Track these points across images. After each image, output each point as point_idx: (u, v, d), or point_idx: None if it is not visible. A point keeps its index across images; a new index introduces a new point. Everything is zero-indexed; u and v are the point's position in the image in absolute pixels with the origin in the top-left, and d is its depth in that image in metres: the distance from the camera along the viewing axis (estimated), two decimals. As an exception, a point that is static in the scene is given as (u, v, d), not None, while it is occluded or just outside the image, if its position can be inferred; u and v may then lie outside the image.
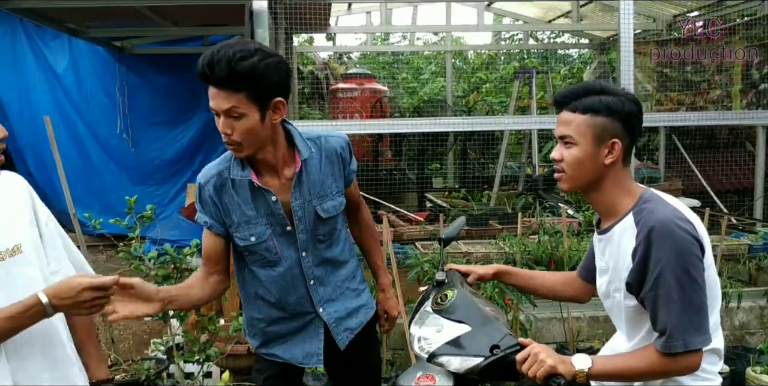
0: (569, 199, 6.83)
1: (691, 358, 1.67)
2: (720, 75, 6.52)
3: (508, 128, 7.09)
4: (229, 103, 1.83)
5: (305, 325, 2.19)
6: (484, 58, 11.92)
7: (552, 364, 1.64)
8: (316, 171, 2.09)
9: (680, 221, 1.66)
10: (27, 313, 1.52)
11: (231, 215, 2.03)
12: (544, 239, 4.14)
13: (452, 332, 1.84)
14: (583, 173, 1.78)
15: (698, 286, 1.66)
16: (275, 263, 2.09)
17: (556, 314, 4.13)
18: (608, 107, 1.75)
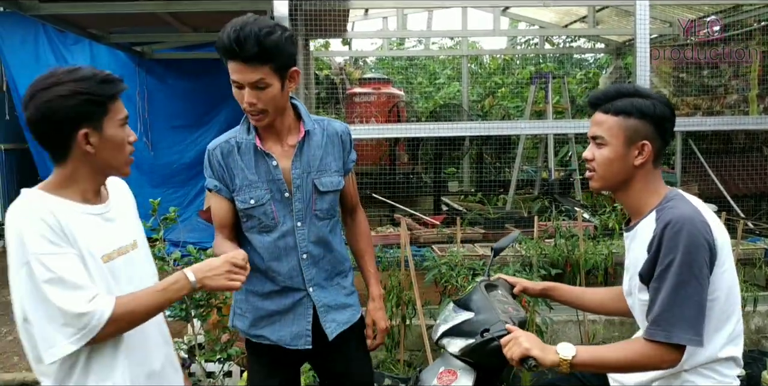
0: (585, 203, 6.85)
1: (670, 352, 1.71)
2: (737, 80, 6.51)
3: (525, 133, 7.12)
4: (256, 75, 1.98)
5: (295, 304, 2.23)
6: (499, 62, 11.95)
7: (527, 347, 1.72)
8: (317, 146, 2.21)
9: (696, 221, 1.71)
10: (175, 285, 1.67)
11: (234, 179, 2.16)
12: (560, 243, 4.16)
13: (459, 318, 1.98)
14: (613, 172, 1.85)
15: (698, 284, 1.70)
16: (271, 228, 2.17)
17: (572, 317, 4.15)
18: (640, 109, 1.81)
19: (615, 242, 4.40)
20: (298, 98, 4.51)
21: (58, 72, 1.63)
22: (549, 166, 7.58)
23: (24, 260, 1.54)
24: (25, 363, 4.60)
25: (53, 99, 1.58)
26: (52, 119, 1.58)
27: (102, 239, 1.69)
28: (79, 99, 1.60)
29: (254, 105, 2.03)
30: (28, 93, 1.62)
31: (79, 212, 1.66)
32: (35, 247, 1.53)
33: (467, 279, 3.71)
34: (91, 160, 1.66)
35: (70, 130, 1.61)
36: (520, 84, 10.86)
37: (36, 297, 1.53)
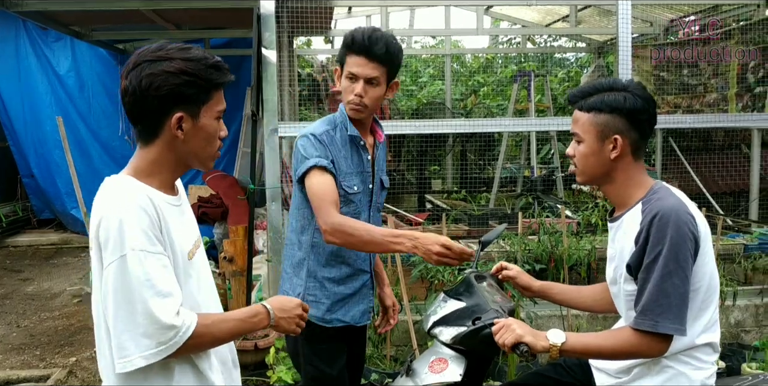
0: (567, 200, 6.93)
1: (657, 342, 1.76)
2: (716, 79, 6.61)
3: (508, 130, 7.18)
4: (375, 72, 2.23)
5: (361, 287, 2.44)
6: (481, 61, 12.01)
7: (520, 334, 1.77)
8: (383, 149, 2.50)
9: (683, 213, 1.76)
10: (254, 318, 1.63)
11: (339, 163, 2.31)
12: (544, 239, 4.22)
13: (450, 308, 2.02)
14: (591, 167, 1.91)
15: (684, 276, 1.75)
16: (358, 215, 2.36)
17: (556, 311, 4.21)
18: (609, 104, 1.86)
19: (597, 238, 4.46)
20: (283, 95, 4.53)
21: (168, 47, 1.53)
22: (531, 164, 7.65)
23: (120, 252, 1.43)
24: (8, 361, 4.57)
25: (158, 73, 1.49)
26: (151, 93, 1.49)
27: (185, 233, 1.63)
28: (183, 79, 1.50)
29: (361, 97, 2.24)
30: (133, 62, 1.52)
31: (167, 203, 1.58)
32: (135, 241, 1.44)
33: (453, 275, 3.75)
34: (179, 147, 1.56)
35: (166, 109, 1.51)
36: (502, 83, 10.93)
37: (123, 297, 1.44)
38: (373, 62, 2.22)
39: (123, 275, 1.43)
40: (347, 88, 2.27)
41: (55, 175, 8.25)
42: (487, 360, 2.05)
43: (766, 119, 4.99)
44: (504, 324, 1.81)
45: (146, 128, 1.55)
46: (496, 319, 1.85)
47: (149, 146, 1.56)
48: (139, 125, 1.56)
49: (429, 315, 2.08)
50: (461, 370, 1.94)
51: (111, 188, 1.52)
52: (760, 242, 4.75)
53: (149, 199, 1.50)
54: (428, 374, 1.98)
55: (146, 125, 1.54)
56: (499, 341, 1.78)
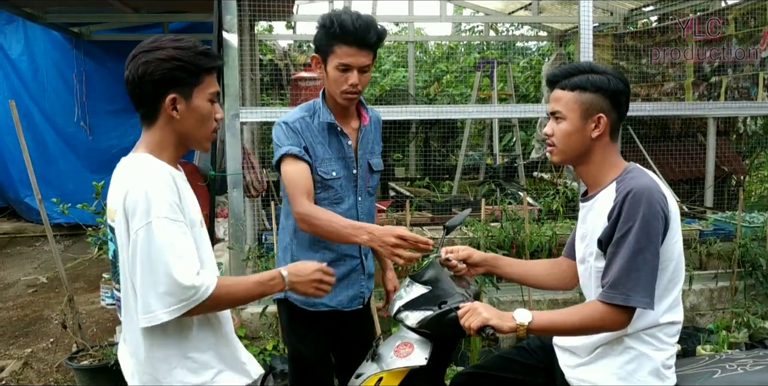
0: (528, 187, 7.00)
1: (622, 315, 1.80)
2: (673, 68, 6.73)
3: (473, 117, 7.20)
4: (367, 60, 2.26)
5: (350, 272, 2.48)
6: (444, 49, 12.01)
7: (486, 316, 1.78)
8: (370, 132, 2.52)
9: (655, 192, 1.81)
10: (271, 282, 1.78)
11: (315, 150, 2.35)
12: (506, 225, 4.25)
13: (416, 292, 2.03)
14: (572, 145, 1.94)
15: (655, 252, 1.79)
16: (341, 201, 2.41)
17: (517, 297, 4.26)
18: (595, 84, 1.89)
19: (559, 224, 4.51)
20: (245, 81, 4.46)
21: (162, 38, 1.72)
22: (494, 151, 7.69)
23: (146, 220, 1.59)
24: (-40, 354, 4.44)
25: (152, 61, 1.68)
26: (146, 78, 1.67)
27: (196, 204, 1.80)
28: (174, 64, 1.68)
29: (356, 86, 2.27)
30: (132, 54, 1.71)
31: (179, 177, 1.75)
32: (160, 209, 1.60)
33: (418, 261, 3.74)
34: (176, 127, 1.74)
35: (160, 92, 1.70)
36: (465, 71, 10.95)
37: (148, 259, 1.59)
38: (365, 50, 2.25)
39: (149, 240, 1.59)
40: (339, 78, 2.26)
41: (8, 162, 8.01)
42: (452, 344, 2.07)
43: (723, 108, 5.10)
44: (470, 307, 1.82)
45: (147, 112, 1.74)
46: (462, 303, 1.86)
47: (152, 127, 1.74)
48: (141, 109, 1.75)
49: (395, 300, 2.08)
50: (427, 354, 1.95)
51: (134, 164, 1.71)
52: (715, 228, 4.87)
53: (169, 174, 1.69)
54: (394, 358, 1.98)
55: (147, 109, 1.73)
56: (465, 324, 1.79)
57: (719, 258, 4.64)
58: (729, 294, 4.51)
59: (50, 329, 4.95)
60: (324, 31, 2.25)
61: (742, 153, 7.12)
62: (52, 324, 5.04)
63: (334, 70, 2.25)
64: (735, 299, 4.49)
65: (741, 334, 4.16)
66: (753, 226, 4.68)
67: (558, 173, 7.12)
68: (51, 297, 5.61)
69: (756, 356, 2.01)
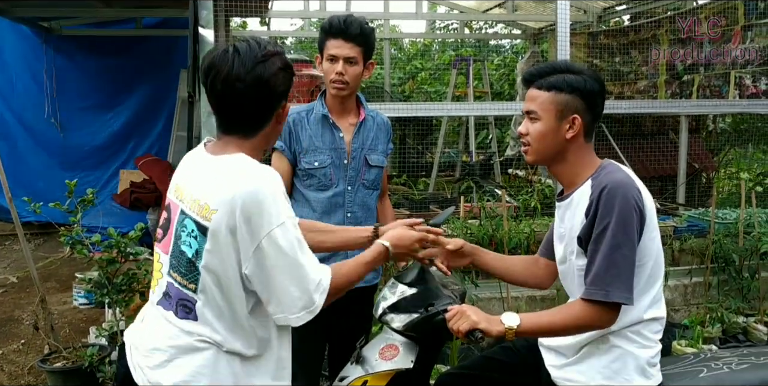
0: (504, 185, 7.03)
1: (607, 311, 1.80)
2: (646, 66, 6.81)
3: (451, 114, 7.20)
4: (352, 52, 2.49)
5: (333, 254, 2.57)
6: (419, 46, 12.02)
7: (475, 320, 1.78)
8: (370, 130, 2.69)
9: (630, 187, 1.81)
10: (378, 257, 1.88)
11: (301, 143, 2.59)
12: (485, 223, 4.26)
13: (401, 294, 2.02)
14: (546, 146, 1.93)
15: (632, 247, 1.80)
16: (327, 187, 2.60)
17: (496, 294, 4.27)
18: (570, 84, 1.88)
19: (537, 221, 4.54)
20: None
21: (264, 43, 1.68)
22: (470, 149, 7.72)
23: (279, 220, 1.59)
24: (-72, 356, 4.33)
25: (276, 72, 1.66)
26: (274, 90, 1.66)
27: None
28: (289, 72, 1.71)
29: (342, 75, 2.49)
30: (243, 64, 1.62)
31: None
32: (288, 211, 1.63)
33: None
34: (274, 132, 1.77)
35: (279, 102, 1.71)
36: (440, 68, 10.97)
37: (286, 259, 1.60)
38: (350, 43, 2.48)
39: (286, 238, 1.60)
40: (328, 69, 2.52)
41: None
42: (438, 346, 2.05)
43: (697, 106, 5.18)
44: (458, 310, 1.81)
45: (257, 122, 1.70)
46: (450, 305, 1.85)
47: (255, 136, 1.71)
48: (249, 121, 1.69)
49: (379, 301, 2.06)
50: (413, 357, 1.93)
51: (242, 165, 1.64)
52: (688, 224, 4.93)
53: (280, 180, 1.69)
54: (379, 361, 1.96)
55: (260, 120, 1.70)
56: (453, 327, 1.78)
57: (693, 254, 4.71)
58: (703, 289, 4.58)
59: (21, 330, 4.85)
60: (320, 31, 2.57)
61: (713, 150, 7.24)
62: (23, 324, 4.94)
63: (326, 63, 2.53)
64: (708, 294, 4.56)
65: (715, 329, 4.23)
66: (726, 222, 4.75)
67: (533, 171, 7.16)
68: (21, 297, 5.49)
69: (740, 354, 2.04)
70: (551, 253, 2.14)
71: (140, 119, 8.00)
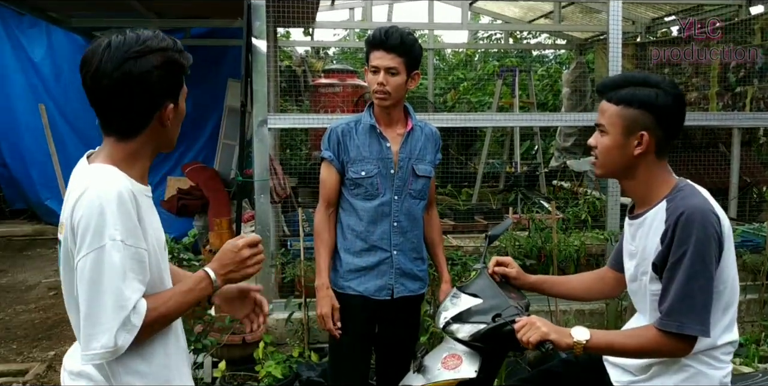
0: (549, 196, 6.96)
1: (682, 343, 1.76)
2: (697, 78, 6.69)
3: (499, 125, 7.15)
4: (393, 63, 2.50)
5: (379, 263, 2.66)
6: (461, 56, 12.01)
7: (546, 331, 1.76)
8: (418, 140, 2.70)
9: (708, 213, 1.75)
10: (200, 285, 1.59)
11: (349, 153, 2.63)
12: (534, 234, 4.22)
13: (466, 304, 2.02)
14: (613, 161, 1.89)
15: (709, 277, 1.74)
16: (373, 197, 2.64)
17: (543, 307, 4.22)
18: (641, 99, 1.82)
19: (588, 234, 4.47)
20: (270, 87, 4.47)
21: (144, 37, 1.50)
22: (515, 159, 7.66)
23: (99, 242, 1.41)
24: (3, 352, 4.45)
25: (149, 70, 1.48)
26: (139, 89, 1.49)
27: (158, 224, 1.63)
28: (169, 70, 1.52)
29: (383, 86, 2.51)
30: (111, 59, 1.47)
31: (143, 194, 1.57)
32: (115, 231, 1.42)
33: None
34: (161, 135, 1.58)
35: (157, 103, 1.53)
36: (482, 79, 10.94)
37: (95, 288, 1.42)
38: (390, 53, 2.50)
39: (100, 267, 1.42)
40: (371, 80, 2.55)
41: (29, 165, 8.04)
42: (502, 357, 2.04)
43: (749, 118, 5.06)
44: (527, 321, 1.79)
45: (132, 124, 1.54)
46: (517, 316, 1.84)
47: (131, 139, 1.55)
48: (122, 122, 1.53)
49: (441, 311, 2.05)
50: (476, 367, 1.92)
51: (92, 176, 1.49)
52: (742, 239, 4.81)
53: (130, 191, 1.48)
54: (441, 370, 1.95)
55: (133, 121, 1.54)
56: (523, 339, 1.76)
57: (746, 270, 4.59)
58: (757, 307, 4.46)
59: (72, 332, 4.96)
60: (365, 43, 2.60)
61: (765, 163, 7.06)
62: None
63: (369, 74, 2.58)
64: (763, 312, 4.44)
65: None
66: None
67: (578, 182, 7.08)
68: (72, 300, 5.62)
69: (807, 371, 1.97)
70: (620, 266, 2.10)
71: (187, 126, 8.03)
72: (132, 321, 1.44)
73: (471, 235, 5.08)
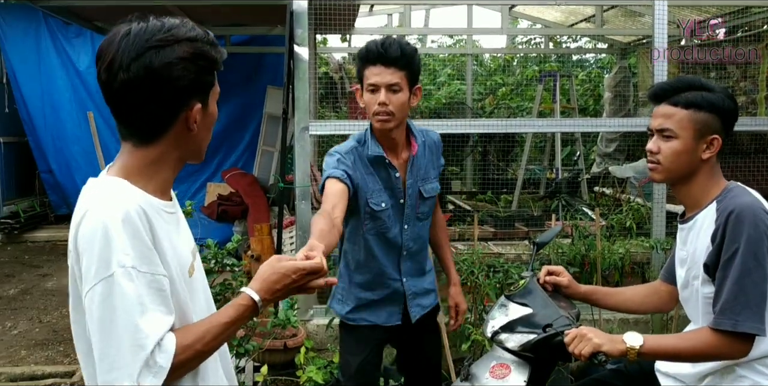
0: (592, 203, 6.85)
1: (738, 342, 1.71)
2: (744, 82, 6.53)
3: (541, 130, 7.09)
4: (394, 79, 2.22)
5: (390, 294, 2.50)
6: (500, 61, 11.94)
7: (598, 343, 1.71)
8: (422, 157, 2.46)
9: (759, 210, 1.72)
10: (245, 313, 1.35)
11: (366, 183, 2.35)
12: (577, 242, 4.15)
13: (515, 313, 1.98)
14: (680, 165, 1.85)
15: (763, 274, 1.70)
16: (387, 230, 2.41)
17: (587, 316, 4.13)
18: (711, 103, 1.81)
19: (633, 241, 4.39)
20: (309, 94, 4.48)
21: (169, 25, 1.30)
22: (555, 165, 7.57)
23: (108, 271, 1.20)
24: (33, 357, 4.54)
25: (175, 62, 1.26)
26: (171, 85, 1.27)
27: (183, 245, 1.42)
28: (199, 64, 1.30)
29: (386, 105, 2.22)
30: (129, 49, 1.25)
31: (162, 211, 1.36)
32: (125, 257, 1.21)
33: (487, 276, 3.69)
34: (186, 142, 1.36)
35: (183, 101, 1.30)
36: (521, 83, 10.85)
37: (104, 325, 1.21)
38: (391, 67, 2.22)
39: (110, 301, 1.20)
40: (370, 100, 2.25)
41: (74, 171, 8.23)
42: (551, 367, 2.00)
43: (803, 123, 4.92)
44: (578, 333, 1.75)
45: (153, 126, 1.32)
46: (568, 327, 1.80)
47: (152, 144, 1.33)
48: (141, 123, 1.32)
49: (488, 320, 2.02)
50: (525, 377, 1.89)
51: (97, 193, 1.30)
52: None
53: (142, 210, 1.27)
54: (489, 379, 1.93)
55: (153, 122, 1.31)
56: (575, 351, 1.72)
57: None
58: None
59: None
60: (358, 60, 2.34)
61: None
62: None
63: (366, 94, 2.27)
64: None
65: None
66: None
67: (621, 189, 6.96)
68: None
69: None
70: (673, 278, 2.05)
71: (227, 133, 8.23)
72: (158, 361, 1.21)
73: (512, 242, 5.01)
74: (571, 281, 2.16)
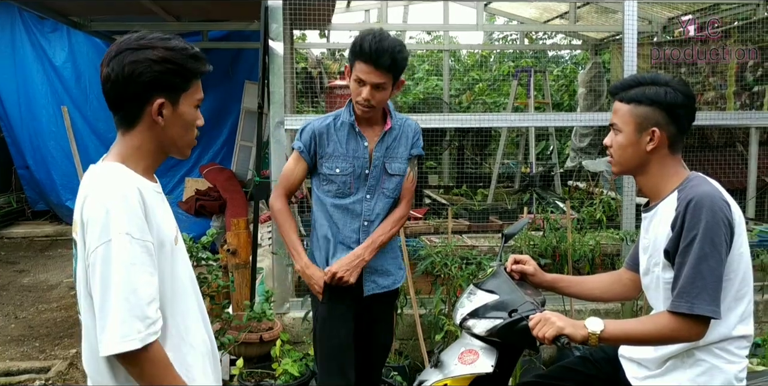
0: (564, 196, 6.96)
1: (695, 325, 1.79)
2: (714, 77, 6.66)
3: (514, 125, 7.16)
4: (381, 79, 2.46)
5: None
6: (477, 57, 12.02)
7: (561, 326, 1.79)
8: (395, 138, 2.68)
9: (717, 199, 1.80)
10: None
11: (326, 147, 2.62)
12: (549, 234, 4.24)
13: (482, 300, 2.05)
14: (628, 158, 1.96)
15: (719, 259, 1.78)
16: (345, 195, 2.63)
17: (558, 307, 4.23)
18: (650, 97, 1.90)
19: (603, 233, 4.48)
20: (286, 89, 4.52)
21: (150, 36, 1.59)
22: (530, 160, 7.67)
23: (108, 236, 1.46)
24: (8, 353, 4.54)
25: (141, 61, 1.53)
26: (134, 80, 1.53)
27: (169, 220, 1.66)
28: (166, 67, 1.56)
29: (369, 101, 2.48)
30: (113, 50, 1.56)
31: (152, 190, 1.62)
32: (121, 225, 1.47)
33: (460, 268, 3.76)
34: (159, 134, 1.61)
35: (147, 95, 1.56)
36: (498, 79, 10.94)
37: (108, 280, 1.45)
38: (379, 71, 2.45)
39: (108, 260, 1.46)
40: (355, 89, 2.51)
41: (51, 166, 8.18)
42: (518, 352, 2.07)
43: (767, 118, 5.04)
44: (542, 317, 1.82)
45: (127, 114, 1.60)
46: (533, 312, 1.87)
47: (130, 132, 1.60)
48: (120, 112, 1.60)
49: (458, 308, 2.09)
50: (493, 361, 1.96)
51: (99, 175, 1.58)
52: (760, 239, 4.79)
53: (136, 187, 1.54)
54: (458, 365, 1.99)
55: (127, 111, 1.59)
56: (539, 334, 1.80)
57: (764, 270, 4.56)
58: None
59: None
60: (351, 48, 2.53)
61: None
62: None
63: (353, 82, 2.52)
64: (781, 311, 4.42)
65: (787, 347, 4.09)
66: (800, 237, 4.60)
67: (594, 182, 7.07)
68: (93, 300, 5.72)
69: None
70: (637, 266, 2.13)
71: (205, 128, 8.14)
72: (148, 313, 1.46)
73: (486, 235, 5.09)
74: (537, 270, 2.24)
